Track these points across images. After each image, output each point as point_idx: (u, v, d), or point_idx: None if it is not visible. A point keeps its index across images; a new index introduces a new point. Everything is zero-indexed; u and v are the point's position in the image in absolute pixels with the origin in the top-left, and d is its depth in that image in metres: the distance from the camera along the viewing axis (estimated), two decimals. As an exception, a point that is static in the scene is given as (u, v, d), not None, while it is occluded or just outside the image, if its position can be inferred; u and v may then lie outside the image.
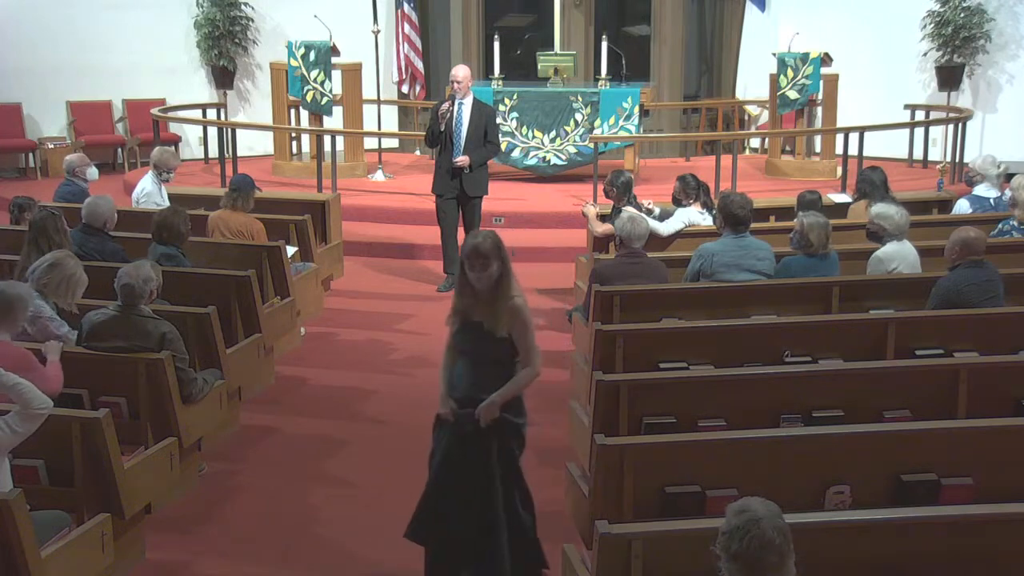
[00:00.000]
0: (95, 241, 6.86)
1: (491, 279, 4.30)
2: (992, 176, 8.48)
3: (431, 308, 8.62)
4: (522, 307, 4.36)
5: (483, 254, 4.29)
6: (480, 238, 4.39)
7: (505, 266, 4.34)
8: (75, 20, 12.55)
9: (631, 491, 4.13)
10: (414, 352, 7.69)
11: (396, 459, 5.96)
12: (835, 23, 12.53)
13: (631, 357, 5.42)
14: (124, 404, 5.13)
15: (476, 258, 4.29)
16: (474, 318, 4.38)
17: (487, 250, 4.29)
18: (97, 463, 4.54)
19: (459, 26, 13.65)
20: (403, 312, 8.59)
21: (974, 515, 3.73)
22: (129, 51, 13.01)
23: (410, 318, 8.46)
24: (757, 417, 4.70)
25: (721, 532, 2.92)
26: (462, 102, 8.65)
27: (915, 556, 3.62)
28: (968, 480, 4.16)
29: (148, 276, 5.39)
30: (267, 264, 7.32)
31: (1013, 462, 4.23)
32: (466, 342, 4.44)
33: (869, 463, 4.19)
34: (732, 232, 6.49)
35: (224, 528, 5.29)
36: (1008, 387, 4.94)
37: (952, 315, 5.68)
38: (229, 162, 11.51)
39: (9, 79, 12.46)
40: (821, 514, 3.80)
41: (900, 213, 6.66)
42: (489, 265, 4.28)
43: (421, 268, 9.73)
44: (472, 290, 4.36)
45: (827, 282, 6.25)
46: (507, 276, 4.35)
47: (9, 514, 3.79)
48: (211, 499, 5.55)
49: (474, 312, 4.38)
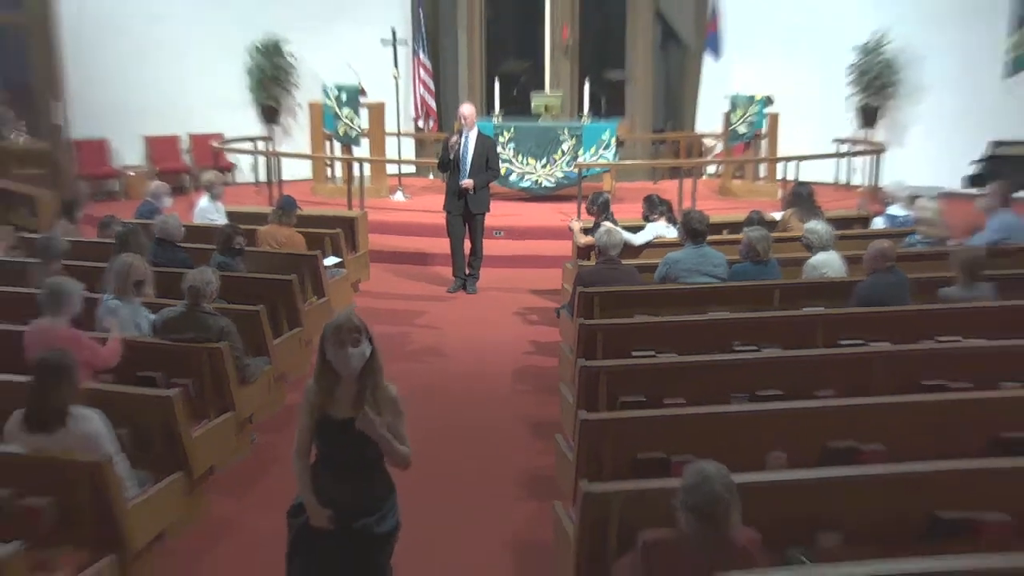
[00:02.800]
0: (167, 252, 6.91)
1: (363, 358, 3.27)
2: (902, 198, 8.53)
3: (442, 306, 8.69)
4: (398, 395, 3.37)
5: (355, 327, 3.27)
6: (345, 313, 3.36)
7: (374, 346, 3.33)
8: (149, 69, 12.56)
9: (608, 457, 4.14)
10: (428, 343, 7.70)
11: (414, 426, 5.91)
12: (777, 71, 12.57)
13: (609, 347, 5.42)
14: (191, 385, 5.15)
15: (349, 331, 3.25)
16: (338, 415, 3.28)
17: (359, 325, 3.29)
18: (171, 432, 4.58)
19: (465, 71, 13.67)
20: (419, 310, 8.59)
21: (886, 474, 3.75)
22: (193, 94, 13.03)
23: (424, 314, 8.47)
24: (711, 396, 4.70)
25: (680, 489, 2.96)
26: (468, 135, 8.68)
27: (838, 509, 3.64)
28: (881, 446, 4.17)
29: (209, 279, 5.44)
30: (306, 269, 7.34)
31: (917, 432, 4.24)
32: (335, 444, 3.32)
33: (801, 433, 4.20)
34: (692, 243, 6.52)
35: (272, 487, 5.29)
36: (913, 371, 4.93)
37: (869, 312, 5.69)
38: (275, 185, 11.57)
39: (98, 119, 12.47)
40: (762, 474, 3.80)
41: (826, 229, 6.69)
42: (360, 341, 3.27)
43: (433, 273, 9.75)
44: (335, 379, 3.28)
45: (770, 285, 6.27)
46: (378, 358, 3.33)
47: (103, 474, 3.87)
48: (261, 463, 5.58)
49: (336, 407, 3.30)
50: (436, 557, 4.53)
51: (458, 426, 6.10)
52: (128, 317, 5.50)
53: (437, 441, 5.79)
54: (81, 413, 4.02)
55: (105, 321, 5.39)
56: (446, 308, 8.67)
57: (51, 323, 4.99)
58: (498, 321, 8.28)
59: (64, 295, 5.01)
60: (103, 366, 5.02)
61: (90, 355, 4.88)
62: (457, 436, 5.95)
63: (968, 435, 4.27)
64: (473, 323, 8.22)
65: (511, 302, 8.77)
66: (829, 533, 3.61)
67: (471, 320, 8.32)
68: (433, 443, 5.69)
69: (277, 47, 13.54)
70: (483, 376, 6.95)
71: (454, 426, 6.09)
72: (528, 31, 13.85)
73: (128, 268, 5.53)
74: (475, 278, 9.11)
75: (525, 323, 8.26)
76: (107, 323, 5.35)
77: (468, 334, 7.92)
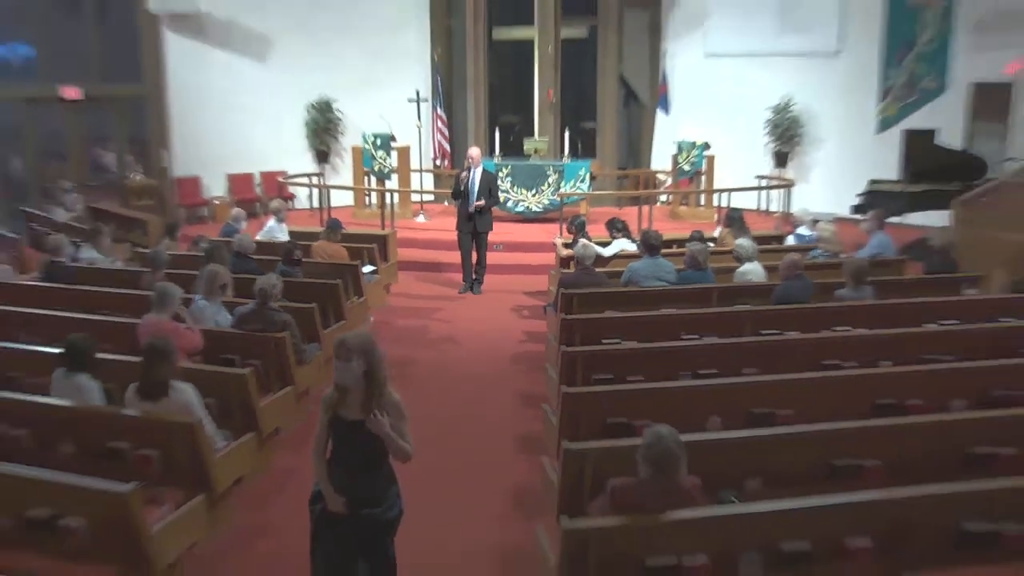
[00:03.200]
0: (242, 262, 6.89)
1: (353, 375, 3.00)
2: (807, 221, 8.55)
3: (454, 304, 8.68)
4: (401, 401, 3.11)
5: (347, 347, 3.01)
6: (350, 335, 3.09)
7: (372, 365, 3.02)
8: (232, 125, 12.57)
9: (584, 422, 4.14)
10: (443, 332, 7.68)
11: (432, 396, 5.99)
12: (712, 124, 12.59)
13: (584, 336, 5.41)
14: (260, 365, 5.17)
15: (340, 348, 3.02)
16: (350, 417, 3.06)
17: (351, 345, 3.02)
18: (246, 401, 4.59)
19: (472, 122, 13.62)
20: (435, 307, 8.58)
21: (795, 433, 3.78)
22: (264, 142, 13.02)
23: (440, 310, 8.45)
24: (664, 374, 4.71)
25: (640, 446, 2.98)
26: (475, 171, 8.64)
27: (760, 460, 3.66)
28: (791, 411, 4.19)
29: (274, 283, 5.44)
30: (349, 276, 7.32)
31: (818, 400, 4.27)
32: (346, 442, 3.09)
33: (733, 402, 4.21)
34: (649, 255, 6.52)
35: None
36: (816, 354, 4.95)
37: (784, 309, 5.71)
38: (325, 210, 11.50)
39: (193, 161, 12.59)
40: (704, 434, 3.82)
41: (751, 244, 6.72)
42: (351, 358, 2.99)
43: (447, 278, 9.73)
44: (344, 383, 3.04)
45: (709, 287, 6.26)
46: (377, 373, 3.03)
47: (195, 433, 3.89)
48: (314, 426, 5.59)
49: (348, 410, 3.07)
50: (447, 496, 4.55)
51: (466, 397, 6.10)
52: (211, 315, 5.51)
53: (450, 408, 5.82)
54: (179, 386, 4.04)
55: (191, 317, 5.39)
56: (457, 305, 8.67)
57: (157, 317, 5.01)
58: (498, 316, 8.27)
59: (167, 296, 5.04)
60: (194, 350, 5.02)
61: (185, 342, 4.89)
62: (465, 404, 5.95)
63: (855, 402, 4.31)
64: (478, 317, 8.21)
65: (508, 301, 8.77)
66: (753, 479, 3.64)
67: (476, 315, 8.31)
68: (447, 410, 5.73)
69: (328, 105, 13.49)
70: (486, 358, 6.94)
71: (463, 396, 6.10)
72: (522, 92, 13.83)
73: (215, 275, 5.55)
74: (480, 282, 9.10)
75: (519, 317, 8.26)
76: (192, 319, 5.35)
77: (474, 325, 7.91)
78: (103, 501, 3.26)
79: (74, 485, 3.32)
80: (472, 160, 8.71)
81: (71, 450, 4.00)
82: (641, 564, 2.93)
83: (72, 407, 4.04)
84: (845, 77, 12.07)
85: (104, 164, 12.64)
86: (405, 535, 3.29)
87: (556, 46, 12.65)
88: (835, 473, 3.69)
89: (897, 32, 11.34)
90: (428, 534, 4.06)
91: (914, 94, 11.42)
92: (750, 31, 12.74)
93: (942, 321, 5.61)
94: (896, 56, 11.43)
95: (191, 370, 4.56)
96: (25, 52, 11.67)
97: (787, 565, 3.03)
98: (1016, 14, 10.23)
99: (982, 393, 4.42)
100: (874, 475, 3.68)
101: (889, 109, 11.66)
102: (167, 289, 5.07)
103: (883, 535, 3.09)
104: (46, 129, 11.92)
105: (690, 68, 13.33)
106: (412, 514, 3.31)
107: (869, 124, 11.86)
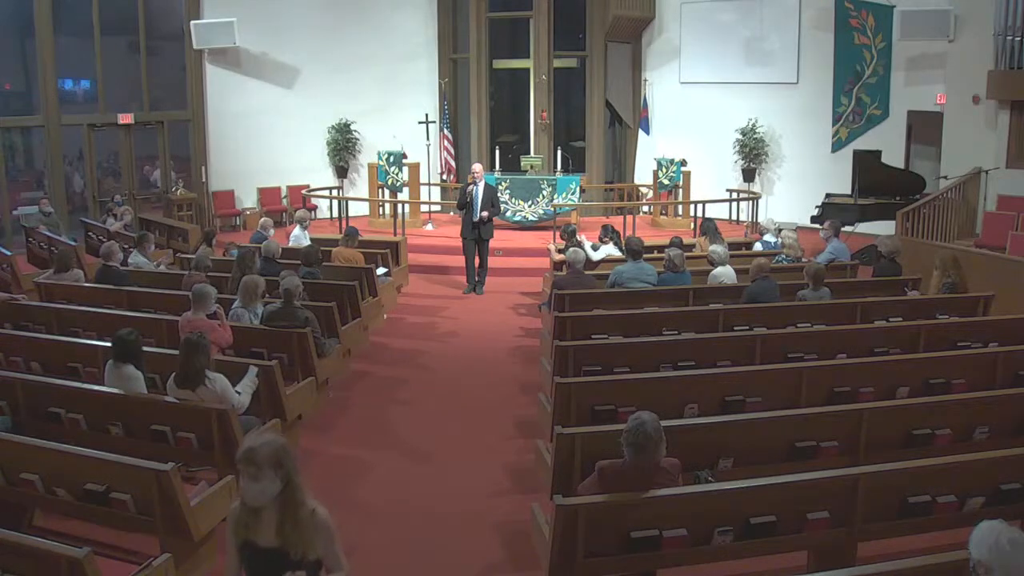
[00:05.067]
0: (270, 266, 6.85)
1: (265, 496, 2.11)
2: (772, 230, 8.56)
3: (459, 303, 8.63)
4: (327, 516, 2.20)
5: (255, 463, 2.09)
6: (259, 443, 2.13)
7: (289, 478, 2.14)
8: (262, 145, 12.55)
9: (575, 409, 4.12)
10: (448, 328, 7.64)
11: (438, 384, 5.98)
12: (688, 143, 12.61)
13: (575, 331, 5.40)
14: (285, 358, 5.14)
15: (246, 464, 2.10)
16: (263, 543, 2.15)
17: (261, 459, 2.09)
18: (273, 390, 4.55)
19: (475, 141, 13.55)
20: (442, 305, 8.53)
21: (763, 418, 3.77)
22: (291, 159, 12.98)
23: (446, 309, 8.40)
24: (646, 365, 4.71)
25: (624, 431, 2.96)
26: (477, 184, 8.58)
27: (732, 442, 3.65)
28: (760, 399, 4.18)
29: (298, 284, 5.42)
30: (364, 277, 7.29)
31: (783, 388, 4.27)
32: (259, 572, 2.17)
33: (708, 391, 4.20)
34: (633, 259, 6.50)
35: (344, 429, 5.29)
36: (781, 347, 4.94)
37: (753, 307, 5.70)
38: (344, 220, 11.44)
39: (229, 177, 12.64)
40: (682, 420, 3.82)
41: (723, 249, 6.71)
42: (260, 476, 2.09)
43: (453, 280, 9.65)
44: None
45: (686, 288, 6.25)
46: (295, 491, 2.16)
47: (228, 418, 3.86)
48: (335, 412, 5.54)
49: (261, 534, 2.15)
50: (451, 474, 4.53)
51: (469, 385, 6.08)
52: (247, 320, 5.49)
53: (454, 395, 5.80)
54: (214, 376, 4.02)
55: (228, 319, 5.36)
56: (461, 304, 8.64)
57: (195, 315, 4.98)
58: (498, 313, 8.23)
59: (204, 296, 5.00)
60: (226, 345, 4.99)
61: (219, 337, 4.86)
62: (468, 392, 5.92)
63: (815, 390, 4.30)
64: (480, 314, 8.18)
65: (507, 300, 8.73)
66: (726, 459, 3.63)
67: (479, 312, 8.27)
68: (452, 396, 5.70)
69: (347, 127, 13.45)
70: (487, 351, 6.91)
71: (466, 385, 6.07)
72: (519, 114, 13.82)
73: (254, 286, 5.52)
74: (482, 283, 9.05)
75: (517, 315, 8.22)
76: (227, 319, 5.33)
77: (476, 322, 7.88)
78: (147, 477, 3.25)
79: (122, 463, 3.33)
80: (475, 175, 8.66)
81: (120, 432, 4.00)
82: (626, 536, 2.93)
83: (120, 394, 4.04)
84: (803, 103, 12.18)
85: (152, 180, 12.77)
86: (411, 507, 3.26)
87: (549, 75, 12.67)
88: (797, 454, 3.69)
89: (846, 66, 11.57)
90: (432, 507, 4.04)
91: (862, 120, 11.63)
92: (720, 63, 12.80)
93: (889, 318, 5.62)
94: (845, 86, 11.67)
95: (224, 362, 4.54)
96: (87, 85, 12.03)
97: (756, 536, 3.03)
98: (940, 56, 10.52)
99: (923, 381, 4.43)
100: (830, 454, 3.68)
101: (841, 132, 11.83)
102: (204, 290, 5.04)
103: (838, 507, 3.10)
104: (105, 150, 12.28)
105: (668, 94, 13.35)
106: (418, 489, 3.28)
107: (824, 145, 11.98)
